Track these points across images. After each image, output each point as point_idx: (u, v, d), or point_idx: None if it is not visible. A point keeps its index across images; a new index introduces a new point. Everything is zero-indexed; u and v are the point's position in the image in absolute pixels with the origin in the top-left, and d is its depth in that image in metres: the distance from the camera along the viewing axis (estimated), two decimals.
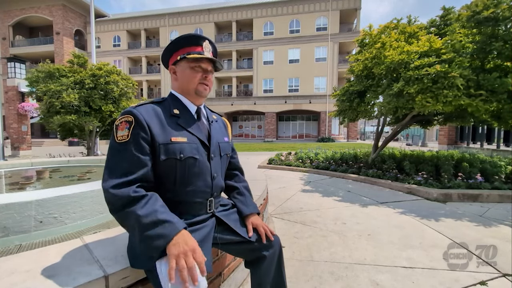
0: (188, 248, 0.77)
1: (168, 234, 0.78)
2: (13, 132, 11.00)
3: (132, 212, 0.80)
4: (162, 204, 0.86)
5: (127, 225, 0.85)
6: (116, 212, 0.83)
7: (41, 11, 24.81)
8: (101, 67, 6.66)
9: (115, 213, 0.83)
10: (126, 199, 0.81)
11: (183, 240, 0.79)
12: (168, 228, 0.79)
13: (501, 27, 3.56)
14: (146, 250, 0.81)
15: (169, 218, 0.82)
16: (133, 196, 0.81)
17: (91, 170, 3.87)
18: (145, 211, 0.80)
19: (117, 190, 0.82)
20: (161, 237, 0.78)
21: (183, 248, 0.77)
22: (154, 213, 0.81)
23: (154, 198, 0.86)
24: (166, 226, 0.80)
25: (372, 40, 4.92)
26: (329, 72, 23.60)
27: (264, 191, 2.34)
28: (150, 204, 0.83)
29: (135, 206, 0.81)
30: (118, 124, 0.90)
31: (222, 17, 25.72)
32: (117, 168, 0.85)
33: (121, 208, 0.82)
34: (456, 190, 3.73)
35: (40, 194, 1.79)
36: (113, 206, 0.83)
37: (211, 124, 1.10)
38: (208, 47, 1.03)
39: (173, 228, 0.80)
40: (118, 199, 0.81)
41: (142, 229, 0.79)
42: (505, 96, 3.45)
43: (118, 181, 0.83)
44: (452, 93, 3.50)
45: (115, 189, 0.82)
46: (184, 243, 0.78)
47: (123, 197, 0.81)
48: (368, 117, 5.53)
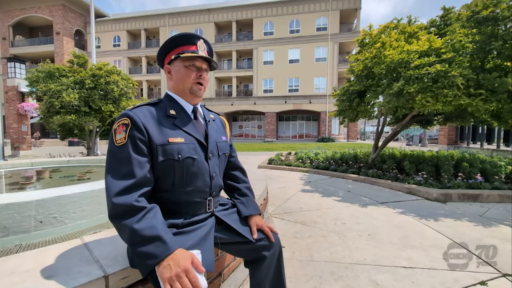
0: (180, 269, 0.73)
1: (158, 255, 0.75)
2: (13, 132, 11.00)
3: (127, 225, 0.78)
4: (160, 219, 0.83)
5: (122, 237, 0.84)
6: (114, 219, 0.82)
7: (41, 11, 24.81)
8: (101, 67, 6.66)
9: (113, 220, 0.82)
10: (127, 207, 0.80)
11: (174, 261, 0.74)
12: (161, 248, 0.76)
13: (500, 26, 3.56)
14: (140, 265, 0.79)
15: (164, 236, 0.78)
16: (134, 206, 0.80)
17: (91, 170, 3.87)
18: (141, 225, 0.78)
19: (119, 197, 0.81)
20: (152, 257, 0.75)
21: (175, 271, 0.72)
22: (150, 228, 0.78)
23: (153, 212, 0.83)
24: (159, 245, 0.76)
25: (372, 40, 4.93)
26: (329, 72, 23.60)
27: (264, 191, 2.34)
28: (148, 219, 0.80)
29: (132, 219, 0.79)
30: (116, 128, 0.90)
31: (222, 17, 25.72)
32: (117, 172, 0.85)
33: (119, 217, 0.80)
34: (456, 190, 3.73)
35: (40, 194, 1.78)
36: (112, 212, 0.81)
37: (208, 124, 1.10)
38: (203, 46, 1.03)
39: (165, 248, 0.76)
40: (118, 206, 0.80)
41: (134, 243, 0.78)
42: (505, 96, 3.45)
43: (120, 185, 0.82)
44: (452, 92, 3.50)
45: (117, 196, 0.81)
46: (176, 265, 0.73)
47: (125, 205, 0.80)
48: (368, 117, 5.53)
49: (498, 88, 3.42)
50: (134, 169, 0.85)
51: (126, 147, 0.87)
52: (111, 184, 0.83)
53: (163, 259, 0.75)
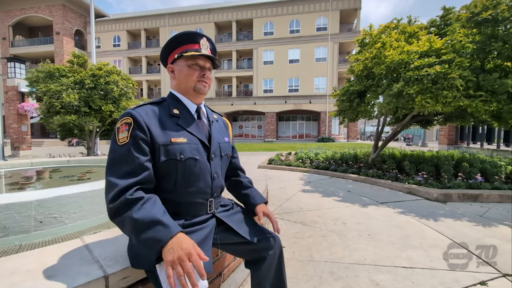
0: (183, 252, 0.73)
1: (162, 239, 0.75)
2: (13, 132, 11.00)
3: (127, 216, 0.79)
4: (160, 206, 0.84)
5: (125, 230, 0.84)
6: (114, 217, 0.82)
7: (41, 11, 24.81)
8: (101, 67, 6.66)
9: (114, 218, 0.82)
10: (123, 201, 0.80)
11: (178, 244, 0.75)
12: (162, 232, 0.76)
13: (500, 27, 3.56)
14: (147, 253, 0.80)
15: (165, 220, 0.79)
16: (129, 199, 0.80)
17: (91, 170, 3.87)
18: (140, 214, 0.78)
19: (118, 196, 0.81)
20: (155, 241, 0.75)
21: (178, 254, 0.73)
22: (149, 215, 0.78)
23: (152, 200, 0.84)
24: (160, 229, 0.77)
25: (372, 40, 4.92)
26: (329, 72, 23.60)
27: (264, 191, 2.34)
28: (147, 207, 0.81)
29: (131, 210, 0.79)
30: (119, 127, 0.90)
31: (222, 17, 25.71)
32: (119, 171, 0.85)
33: (118, 211, 0.80)
34: (456, 190, 3.73)
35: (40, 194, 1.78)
36: (111, 209, 0.82)
37: (211, 124, 1.10)
38: (206, 44, 1.02)
39: (168, 231, 0.77)
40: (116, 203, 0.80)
41: (137, 232, 0.78)
42: (505, 97, 3.45)
43: (120, 184, 0.82)
44: (452, 94, 3.50)
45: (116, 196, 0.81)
46: (179, 248, 0.74)
47: (121, 200, 0.80)
48: (368, 117, 5.53)
49: (498, 89, 3.42)
50: (135, 169, 0.85)
51: (128, 146, 0.86)
52: (112, 183, 0.83)
53: (167, 242, 0.75)
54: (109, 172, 0.86)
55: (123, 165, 0.85)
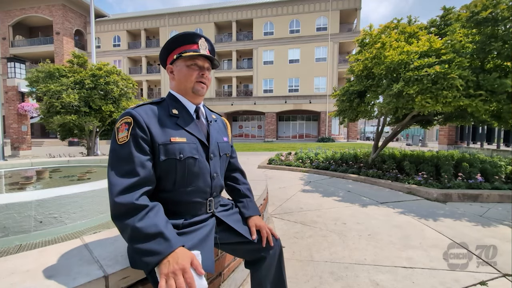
0: (178, 267, 0.73)
1: (161, 252, 0.75)
2: (13, 132, 11.00)
3: (129, 224, 0.79)
4: (162, 216, 0.84)
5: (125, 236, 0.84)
6: (116, 219, 0.82)
7: (41, 11, 24.81)
8: (101, 67, 6.66)
9: (115, 220, 0.82)
10: (128, 206, 0.80)
11: (174, 259, 0.75)
12: (163, 245, 0.76)
13: (500, 27, 3.56)
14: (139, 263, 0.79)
15: (167, 233, 0.79)
16: (135, 204, 0.80)
17: (91, 170, 3.87)
18: (143, 224, 0.78)
19: (121, 196, 0.81)
20: (155, 254, 0.75)
21: (173, 268, 0.73)
22: (151, 226, 0.78)
23: (155, 210, 0.84)
24: (161, 242, 0.77)
25: (372, 40, 4.92)
26: (329, 72, 23.60)
27: (264, 191, 2.34)
28: (150, 217, 0.81)
29: (134, 217, 0.79)
30: (119, 127, 0.90)
31: (222, 17, 25.71)
32: (119, 170, 0.85)
33: (121, 216, 0.80)
34: (456, 190, 3.73)
35: (40, 194, 1.78)
36: (114, 211, 0.81)
37: (210, 124, 1.10)
38: (204, 45, 1.03)
39: (168, 245, 0.77)
40: (120, 205, 0.80)
41: (137, 241, 0.78)
42: (504, 97, 3.45)
43: (122, 184, 0.82)
44: (452, 94, 3.51)
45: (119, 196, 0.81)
46: (174, 262, 0.74)
47: (126, 204, 0.80)
48: (368, 117, 5.53)
49: (498, 89, 3.42)
50: (136, 168, 0.85)
51: (128, 145, 0.87)
52: (113, 183, 0.83)
53: (166, 256, 0.75)
54: (110, 171, 0.86)
55: (124, 164, 0.85)
